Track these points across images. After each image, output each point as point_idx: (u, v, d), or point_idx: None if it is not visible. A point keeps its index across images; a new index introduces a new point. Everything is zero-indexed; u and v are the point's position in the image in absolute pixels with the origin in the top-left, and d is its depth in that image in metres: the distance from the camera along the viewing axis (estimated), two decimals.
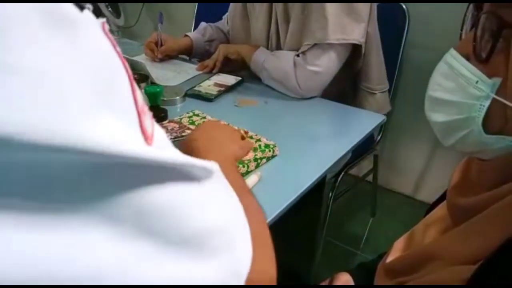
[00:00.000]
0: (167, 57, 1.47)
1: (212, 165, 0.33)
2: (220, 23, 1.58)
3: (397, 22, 1.59)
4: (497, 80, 0.46)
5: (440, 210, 0.64)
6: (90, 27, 0.24)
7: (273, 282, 0.40)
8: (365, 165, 1.87)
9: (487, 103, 0.47)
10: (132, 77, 0.27)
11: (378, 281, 0.68)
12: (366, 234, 1.87)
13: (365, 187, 1.96)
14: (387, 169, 2.09)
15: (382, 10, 1.35)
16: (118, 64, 0.26)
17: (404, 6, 1.58)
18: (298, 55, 1.23)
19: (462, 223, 0.52)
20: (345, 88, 1.44)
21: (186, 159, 0.29)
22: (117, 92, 0.25)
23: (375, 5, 1.30)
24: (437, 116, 0.54)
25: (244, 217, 0.38)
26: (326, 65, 1.21)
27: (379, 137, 1.74)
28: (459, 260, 0.50)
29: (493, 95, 0.46)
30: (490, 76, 0.46)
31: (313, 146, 1.00)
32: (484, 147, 0.50)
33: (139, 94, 0.27)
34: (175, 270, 0.29)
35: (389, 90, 1.49)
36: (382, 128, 1.72)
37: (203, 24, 1.58)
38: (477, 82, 0.47)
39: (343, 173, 1.52)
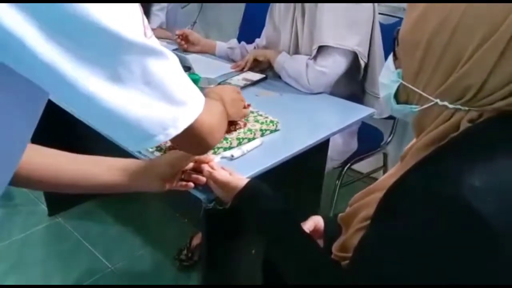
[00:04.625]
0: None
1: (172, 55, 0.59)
2: (247, 45, 1.93)
3: None
4: (400, 70, 0.69)
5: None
6: None
7: (213, 127, 0.71)
8: (377, 164, 2.10)
9: (397, 84, 0.70)
10: (142, 10, 0.54)
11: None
12: None
13: None
14: None
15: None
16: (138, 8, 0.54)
17: None
18: (310, 59, 1.52)
19: None
20: (356, 91, 1.70)
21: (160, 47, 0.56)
22: (134, 16, 0.53)
23: (377, 15, 1.54)
24: (381, 93, 0.78)
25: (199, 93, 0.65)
26: (331, 66, 1.49)
27: (389, 138, 1.97)
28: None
29: (400, 80, 0.69)
30: (397, 68, 0.70)
31: (310, 127, 1.29)
32: (400, 113, 0.73)
33: (146, 21, 0.54)
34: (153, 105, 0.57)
35: None
36: (393, 129, 1.96)
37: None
38: (393, 71, 0.71)
39: (349, 164, 1.78)
